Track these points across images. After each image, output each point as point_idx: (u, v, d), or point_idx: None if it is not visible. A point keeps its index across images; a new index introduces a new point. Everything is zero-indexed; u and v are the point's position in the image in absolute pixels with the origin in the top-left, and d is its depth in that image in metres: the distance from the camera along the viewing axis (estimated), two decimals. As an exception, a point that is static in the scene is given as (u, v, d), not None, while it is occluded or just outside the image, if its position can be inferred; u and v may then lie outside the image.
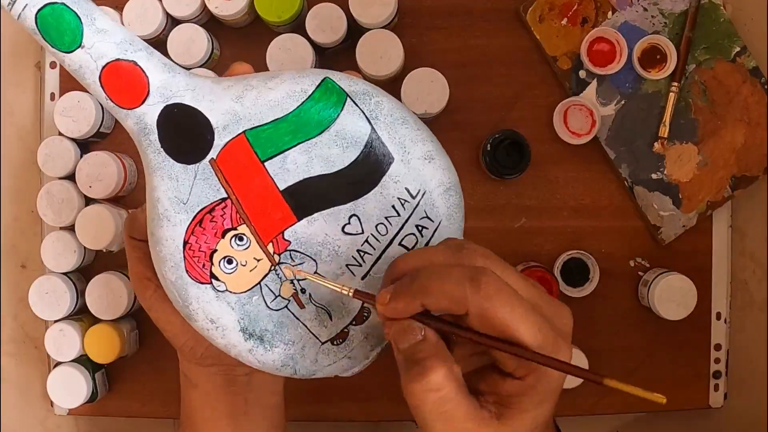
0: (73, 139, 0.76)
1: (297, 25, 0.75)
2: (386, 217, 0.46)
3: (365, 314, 0.48)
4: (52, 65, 0.79)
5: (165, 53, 0.74)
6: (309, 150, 0.45)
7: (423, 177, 0.47)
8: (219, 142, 0.45)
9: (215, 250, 0.46)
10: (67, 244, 0.75)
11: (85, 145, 0.78)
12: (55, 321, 0.76)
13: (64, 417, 0.81)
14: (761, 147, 0.77)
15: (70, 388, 0.75)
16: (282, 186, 0.45)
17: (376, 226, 0.46)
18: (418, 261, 0.42)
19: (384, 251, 0.47)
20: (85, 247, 0.75)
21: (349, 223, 0.46)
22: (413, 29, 0.78)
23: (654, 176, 0.77)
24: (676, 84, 0.76)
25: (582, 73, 0.77)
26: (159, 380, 0.79)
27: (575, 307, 0.78)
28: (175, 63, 0.73)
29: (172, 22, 0.76)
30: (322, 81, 0.46)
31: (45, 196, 0.75)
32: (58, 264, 0.76)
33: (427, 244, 0.47)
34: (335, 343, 0.48)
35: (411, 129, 0.47)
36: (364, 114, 0.46)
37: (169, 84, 0.45)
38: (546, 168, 0.78)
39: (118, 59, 0.44)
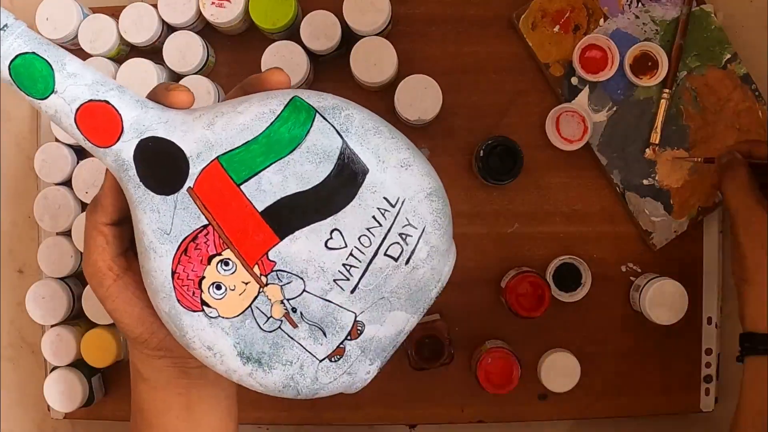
0: (69, 146, 0.76)
1: (291, 33, 0.76)
2: (368, 228, 0.46)
3: (359, 329, 0.48)
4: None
5: (161, 60, 0.75)
6: (283, 169, 0.45)
7: (401, 185, 0.47)
8: (194, 170, 0.45)
9: (203, 277, 0.46)
10: (64, 250, 0.76)
11: (81, 152, 0.78)
12: (52, 325, 0.76)
13: (61, 421, 0.82)
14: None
15: (66, 392, 0.75)
16: (260, 207, 0.46)
17: (359, 238, 0.46)
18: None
19: (370, 263, 0.47)
20: (81, 253, 0.76)
21: (331, 237, 0.46)
22: (407, 36, 0.79)
23: (645, 182, 0.78)
24: (667, 91, 0.77)
25: (574, 80, 0.78)
26: (155, 384, 0.79)
27: (567, 312, 0.80)
28: (172, 70, 0.75)
29: (168, 29, 0.76)
30: (291, 100, 0.46)
31: (42, 201, 0.76)
32: (54, 269, 0.76)
33: (412, 251, 0.47)
34: (333, 360, 0.48)
35: (384, 138, 0.47)
36: (334, 128, 0.46)
37: (142, 119, 0.46)
38: (538, 174, 0.79)
39: (90, 100, 0.45)
